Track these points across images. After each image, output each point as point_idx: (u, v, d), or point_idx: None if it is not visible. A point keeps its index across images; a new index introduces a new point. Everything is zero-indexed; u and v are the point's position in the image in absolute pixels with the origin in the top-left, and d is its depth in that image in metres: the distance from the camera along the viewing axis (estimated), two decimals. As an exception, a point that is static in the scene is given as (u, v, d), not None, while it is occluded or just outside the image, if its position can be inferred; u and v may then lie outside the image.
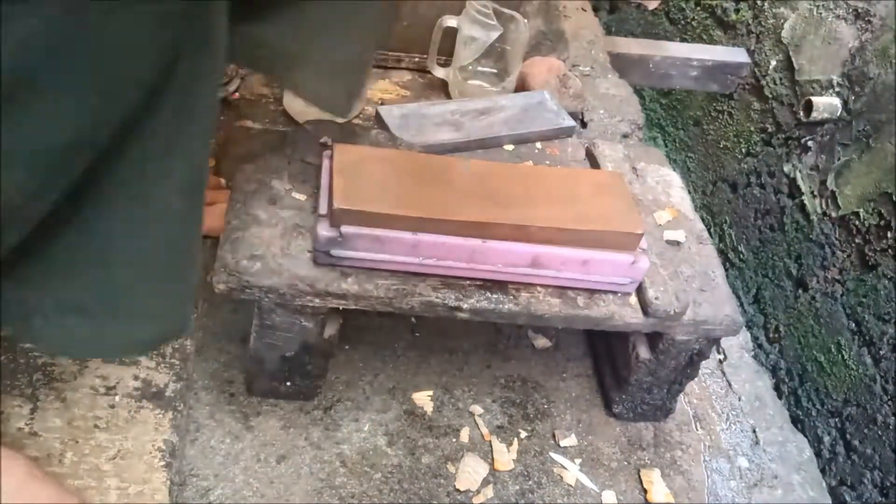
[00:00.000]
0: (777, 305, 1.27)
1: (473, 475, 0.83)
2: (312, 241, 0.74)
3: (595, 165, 0.94)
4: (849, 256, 1.13)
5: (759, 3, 1.38)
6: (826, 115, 1.18)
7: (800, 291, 1.22)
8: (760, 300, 1.32)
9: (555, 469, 0.87)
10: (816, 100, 1.18)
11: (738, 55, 1.39)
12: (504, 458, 0.86)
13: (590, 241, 0.75)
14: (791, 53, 1.29)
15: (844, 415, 1.10)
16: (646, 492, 0.87)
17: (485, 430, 0.88)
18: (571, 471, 0.87)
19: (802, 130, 1.26)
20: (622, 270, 0.77)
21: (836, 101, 1.17)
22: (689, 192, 1.32)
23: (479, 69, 1.24)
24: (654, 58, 1.37)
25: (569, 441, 0.89)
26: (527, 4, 1.31)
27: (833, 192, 1.17)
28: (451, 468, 0.84)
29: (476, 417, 0.89)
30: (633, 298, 0.79)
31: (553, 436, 0.90)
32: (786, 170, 1.28)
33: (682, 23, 1.60)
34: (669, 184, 0.93)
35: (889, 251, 1.06)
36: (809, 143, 1.24)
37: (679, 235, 0.85)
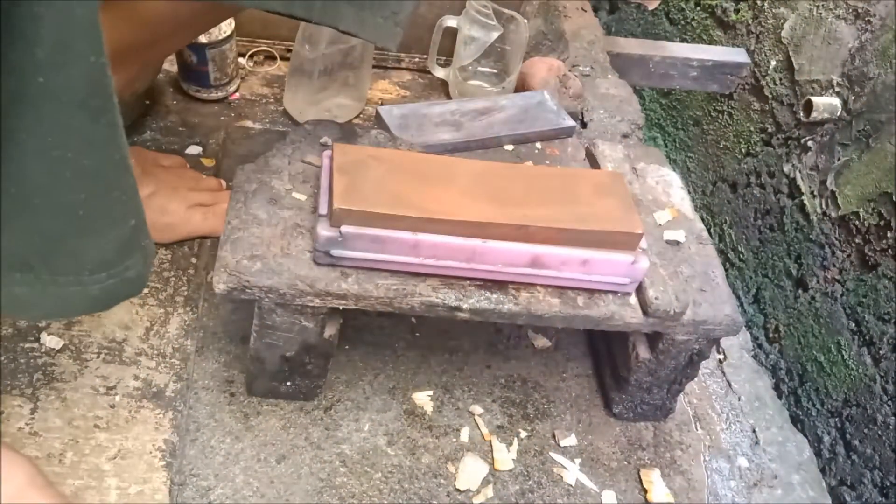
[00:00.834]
0: (777, 305, 1.27)
1: (473, 475, 0.84)
2: (312, 241, 0.74)
3: (595, 165, 0.94)
4: (849, 256, 1.13)
5: (759, 3, 1.38)
6: (826, 116, 1.18)
7: (800, 291, 1.22)
8: (760, 300, 1.32)
9: (555, 469, 0.87)
10: (816, 100, 1.18)
11: (738, 55, 1.39)
12: (504, 458, 0.86)
13: (590, 241, 0.75)
14: (791, 53, 1.29)
15: (844, 415, 1.10)
16: (646, 492, 0.87)
17: (485, 430, 0.88)
18: (571, 471, 0.87)
19: (802, 130, 1.26)
20: (622, 270, 0.77)
21: (836, 101, 1.17)
22: (689, 192, 1.33)
23: (479, 69, 1.25)
24: (654, 58, 1.37)
25: (569, 441, 0.89)
26: (527, 4, 1.31)
27: (833, 192, 1.17)
28: (451, 468, 0.84)
29: (476, 417, 0.89)
30: (633, 298, 0.79)
31: (553, 436, 0.90)
32: (786, 170, 1.28)
33: (682, 23, 1.60)
34: (669, 184, 0.93)
35: (889, 251, 1.06)
36: (809, 143, 1.24)
37: (679, 235, 0.85)
